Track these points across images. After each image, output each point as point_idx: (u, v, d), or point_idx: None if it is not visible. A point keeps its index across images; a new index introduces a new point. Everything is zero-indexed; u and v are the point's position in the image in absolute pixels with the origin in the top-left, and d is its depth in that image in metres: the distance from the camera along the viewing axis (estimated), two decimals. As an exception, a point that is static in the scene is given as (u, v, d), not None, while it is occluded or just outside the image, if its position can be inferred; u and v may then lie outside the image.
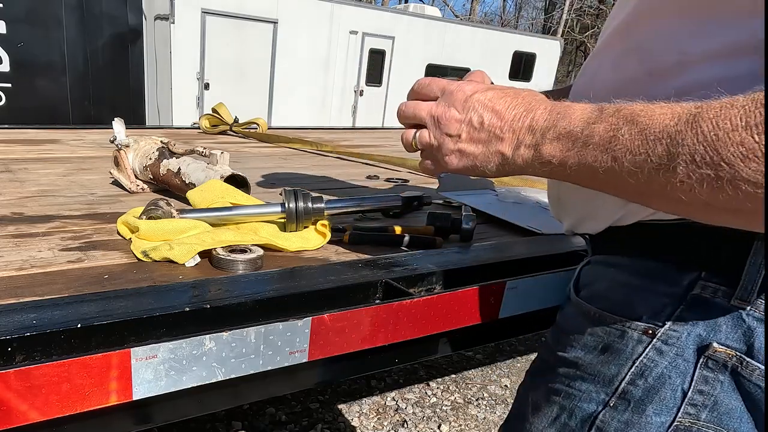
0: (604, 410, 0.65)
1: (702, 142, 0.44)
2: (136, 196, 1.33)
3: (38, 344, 0.62)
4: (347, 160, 2.16)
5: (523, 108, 0.60)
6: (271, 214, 1.01)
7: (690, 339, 0.60)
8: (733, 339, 0.58)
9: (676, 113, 0.47)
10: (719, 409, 0.60)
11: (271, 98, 8.73)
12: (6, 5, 5.10)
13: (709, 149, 0.44)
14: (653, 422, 0.62)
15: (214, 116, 2.75)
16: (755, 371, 0.58)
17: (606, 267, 0.71)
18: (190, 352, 0.66)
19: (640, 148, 0.48)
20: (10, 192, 1.28)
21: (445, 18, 12.15)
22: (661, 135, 0.47)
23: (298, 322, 0.72)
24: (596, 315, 0.68)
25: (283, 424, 2.44)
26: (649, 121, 0.48)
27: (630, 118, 0.50)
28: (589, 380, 0.67)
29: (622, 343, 0.64)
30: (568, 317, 0.74)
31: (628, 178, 0.50)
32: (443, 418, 2.62)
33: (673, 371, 0.61)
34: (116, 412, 0.69)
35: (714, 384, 0.60)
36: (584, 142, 0.53)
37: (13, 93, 5.36)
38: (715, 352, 0.59)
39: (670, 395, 0.61)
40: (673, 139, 0.46)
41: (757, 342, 0.57)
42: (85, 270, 0.83)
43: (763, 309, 0.56)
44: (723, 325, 0.59)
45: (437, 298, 0.84)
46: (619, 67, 0.67)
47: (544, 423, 0.72)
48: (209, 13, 7.77)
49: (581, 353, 0.69)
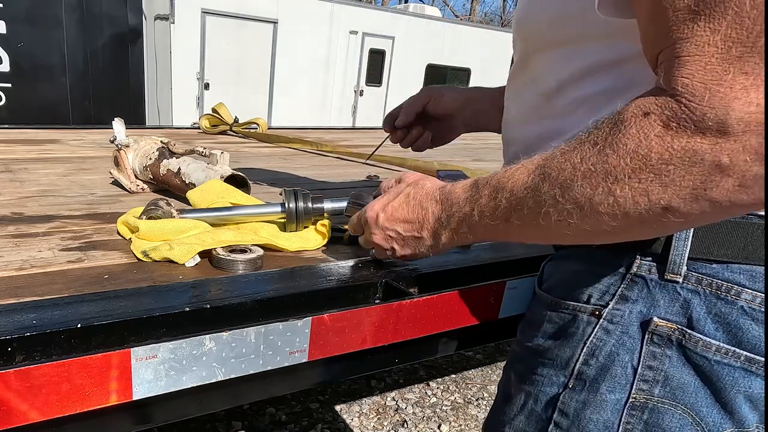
0: (564, 392, 0.69)
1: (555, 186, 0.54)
2: (136, 196, 1.33)
3: (38, 344, 0.62)
4: (347, 160, 2.16)
5: (419, 209, 0.72)
6: (271, 214, 1.01)
7: (632, 316, 0.64)
8: (672, 312, 0.62)
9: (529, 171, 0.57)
10: (671, 383, 0.62)
11: (271, 98, 8.74)
12: (6, 5, 5.10)
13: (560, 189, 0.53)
14: (608, 400, 0.65)
15: (214, 116, 2.75)
16: (699, 342, 0.61)
17: (562, 259, 0.76)
18: (190, 352, 0.66)
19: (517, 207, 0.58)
20: (10, 192, 1.28)
21: (445, 18, 12.16)
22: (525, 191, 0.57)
23: (298, 322, 0.73)
24: (553, 303, 0.73)
25: (283, 424, 2.44)
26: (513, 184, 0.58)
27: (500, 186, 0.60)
28: (549, 365, 0.71)
29: (574, 327, 0.69)
30: (532, 309, 0.79)
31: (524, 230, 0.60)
32: (443, 418, 2.62)
33: (620, 348, 0.65)
34: (116, 412, 0.69)
35: (662, 359, 0.63)
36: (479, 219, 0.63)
37: (13, 93, 5.35)
38: (657, 326, 0.62)
39: (621, 372, 0.65)
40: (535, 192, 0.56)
41: (695, 313, 0.61)
42: (85, 270, 0.83)
43: (695, 282, 0.61)
44: (660, 300, 0.63)
45: (437, 298, 0.84)
46: (521, 97, 0.81)
47: (515, 411, 0.75)
48: (209, 13, 7.78)
49: (542, 340, 0.73)
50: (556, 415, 0.69)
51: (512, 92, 0.86)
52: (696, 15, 0.45)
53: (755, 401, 0.61)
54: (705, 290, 0.61)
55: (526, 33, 0.79)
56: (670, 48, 0.47)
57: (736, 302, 0.59)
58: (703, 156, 0.45)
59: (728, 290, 0.60)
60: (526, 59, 0.78)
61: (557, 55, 0.70)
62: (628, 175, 0.49)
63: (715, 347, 0.60)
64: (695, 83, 0.45)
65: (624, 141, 0.49)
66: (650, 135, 0.47)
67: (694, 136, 0.45)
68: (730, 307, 0.60)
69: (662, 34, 0.48)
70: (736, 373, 0.60)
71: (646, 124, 0.47)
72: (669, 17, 0.47)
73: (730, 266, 0.60)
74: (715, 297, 0.60)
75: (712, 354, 0.60)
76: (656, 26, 0.49)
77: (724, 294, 0.60)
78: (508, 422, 0.76)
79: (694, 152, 0.45)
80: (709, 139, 0.45)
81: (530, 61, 0.77)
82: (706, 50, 0.45)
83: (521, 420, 0.74)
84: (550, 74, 0.72)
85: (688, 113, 0.45)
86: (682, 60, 0.46)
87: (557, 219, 0.54)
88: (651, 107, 0.48)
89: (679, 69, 0.46)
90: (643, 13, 0.52)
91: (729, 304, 0.60)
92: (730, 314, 0.59)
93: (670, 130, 0.46)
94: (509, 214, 0.59)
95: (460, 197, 0.67)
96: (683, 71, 0.46)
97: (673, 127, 0.46)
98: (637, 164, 0.48)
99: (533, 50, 0.76)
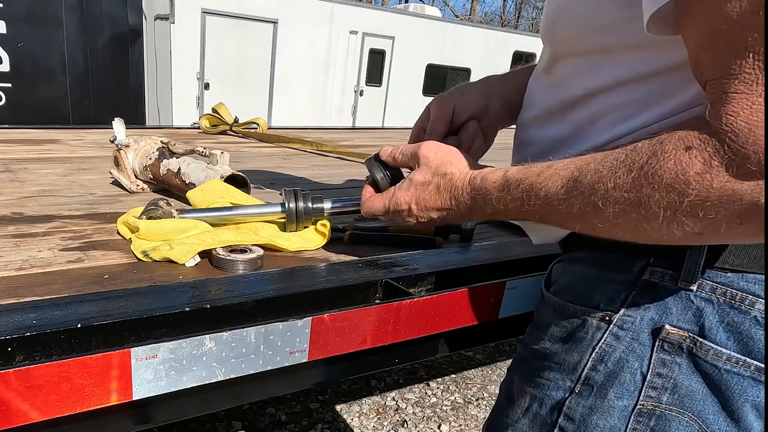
0: (571, 397, 0.68)
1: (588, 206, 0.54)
2: (136, 196, 1.33)
3: (38, 344, 0.62)
4: (347, 160, 2.16)
5: (452, 200, 0.71)
6: (271, 214, 1.01)
7: (644, 323, 0.63)
8: (684, 320, 0.61)
9: (563, 181, 0.57)
10: (680, 391, 0.62)
11: (271, 98, 8.73)
12: (6, 5, 5.10)
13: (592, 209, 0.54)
14: (615, 406, 0.65)
15: (214, 116, 2.75)
16: (710, 351, 0.60)
17: (571, 262, 0.75)
18: (190, 352, 0.66)
19: (548, 212, 0.59)
20: (10, 192, 1.28)
21: (445, 18, 12.15)
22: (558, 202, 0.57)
23: (298, 322, 0.73)
24: (561, 306, 0.72)
25: (283, 424, 2.44)
26: (546, 192, 0.58)
27: (532, 192, 0.60)
28: (555, 369, 0.70)
29: (583, 331, 0.68)
30: (540, 312, 0.78)
31: (552, 223, 0.61)
32: (443, 418, 2.62)
33: (630, 355, 0.64)
34: (116, 412, 0.69)
35: (672, 366, 0.62)
36: (508, 214, 0.64)
37: (13, 93, 5.35)
38: (668, 334, 0.62)
39: (630, 379, 0.64)
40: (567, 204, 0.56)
41: (707, 322, 0.60)
42: (85, 270, 0.83)
43: (709, 290, 0.60)
44: (673, 308, 0.62)
45: (437, 298, 0.84)
46: (543, 100, 0.79)
47: (518, 413, 0.75)
48: (209, 13, 7.77)
49: (549, 344, 0.72)
50: (562, 419, 0.68)
51: (534, 94, 0.83)
52: (748, 51, 0.43)
53: (761, 410, 0.60)
54: (719, 299, 0.60)
55: (554, 37, 0.76)
56: (718, 81, 0.46)
57: (750, 312, 0.58)
58: (742, 196, 0.44)
59: (743, 300, 0.59)
60: (553, 63, 0.76)
61: (586, 64, 0.68)
62: (663, 207, 0.48)
63: (726, 356, 0.59)
64: (740, 122, 0.44)
65: (660, 173, 0.47)
66: (689, 172, 0.46)
67: (735, 176, 0.44)
68: (743, 316, 0.59)
69: (712, 65, 0.47)
70: (745, 382, 0.59)
71: (686, 159, 0.46)
72: (722, 49, 0.45)
73: (745, 275, 0.59)
74: (728, 306, 0.59)
75: (723, 363, 0.59)
76: (707, 56, 0.48)
77: (738, 303, 0.59)
78: (512, 425, 0.75)
79: (734, 192, 0.44)
80: (751, 181, 0.44)
81: (556, 66, 0.75)
82: (754, 89, 0.43)
83: (525, 423, 0.73)
84: (577, 82, 0.70)
85: (731, 154, 0.44)
86: (729, 96, 0.44)
87: (587, 228, 0.56)
88: (693, 142, 0.46)
89: (725, 106, 0.45)
90: (694, 39, 0.50)
91: (742, 314, 0.59)
92: (742, 324, 0.59)
93: (711, 169, 0.45)
94: (540, 215, 0.61)
95: (492, 195, 0.65)
96: (729, 109, 0.44)
97: (714, 165, 0.45)
98: (673, 199, 0.47)
99: (561, 55, 0.74)
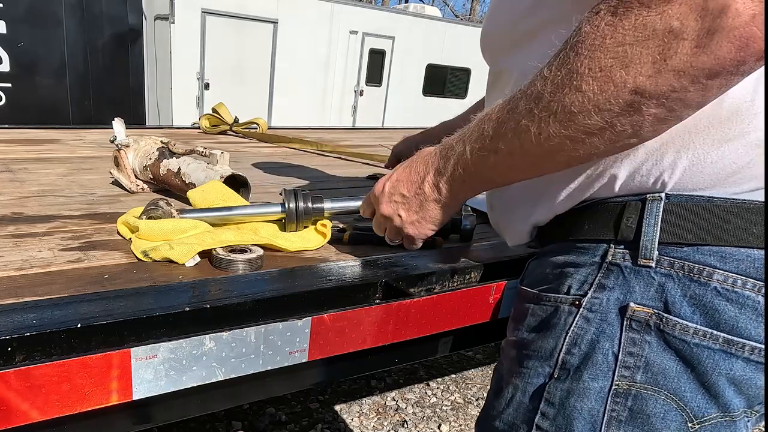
0: (550, 382, 0.69)
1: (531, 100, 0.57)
2: (136, 196, 1.33)
3: (38, 344, 0.62)
4: (347, 160, 2.16)
5: (421, 167, 0.75)
6: (271, 214, 1.01)
7: (610, 303, 0.65)
8: (648, 297, 0.63)
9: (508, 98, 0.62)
10: (652, 369, 0.63)
11: (271, 98, 8.73)
12: (6, 5, 5.10)
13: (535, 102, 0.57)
14: (591, 387, 0.66)
15: (214, 116, 2.75)
16: (677, 326, 0.61)
17: (544, 256, 0.77)
18: (190, 352, 0.66)
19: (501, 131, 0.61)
20: (10, 192, 1.28)
21: (445, 18, 12.16)
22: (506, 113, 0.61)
23: (298, 322, 0.73)
24: (535, 297, 0.74)
25: (283, 424, 2.45)
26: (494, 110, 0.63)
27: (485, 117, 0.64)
28: (534, 357, 0.72)
29: (556, 318, 0.70)
30: (516, 305, 0.81)
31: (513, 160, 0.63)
32: (443, 418, 2.62)
33: (601, 336, 0.65)
34: (116, 412, 0.69)
35: (642, 345, 0.63)
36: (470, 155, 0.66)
37: (13, 93, 5.35)
38: (634, 312, 0.63)
39: (602, 359, 0.65)
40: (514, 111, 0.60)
41: (670, 297, 0.61)
42: (85, 270, 0.83)
43: (668, 266, 0.62)
44: (636, 286, 0.63)
45: (437, 298, 0.84)
46: None
47: (503, 404, 0.76)
48: (209, 13, 7.78)
49: (526, 334, 0.74)
50: (543, 404, 0.70)
51: None
52: None
53: (739, 384, 0.60)
54: (678, 273, 0.61)
55: (488, 44, 0.82)
56: None
57: (709, 283, 0.60)
58: (654, 26, 0.47)
59: (700, 272, 0.60)
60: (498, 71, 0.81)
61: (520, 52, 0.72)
62: (588, 67, 0.51)
63: (693, 330, 0.60)
64: None
65: (581, 40, 0.51)
66: (601, 25, 0.50)
67: (640, 11, 0.47)
68: (703, 288, 0.60)
69: None
70: (716, 356, 0.60)
71: (597, 19, 0.50)
72: None
73: (700, 248, 0.60)
74: (688, 279, 0.60)
75: (690, 337, 0.60)
76: None
77: (696, 276, 0.60)
78: (498, 416, 0.76)
79: (644, 26, 0.47)
80: (655, 9, 0.47)
81: (502, 73, 0.80)
82: None
83: (509, 413, 0.74)
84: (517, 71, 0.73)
85: None
86: None
87: (537, 133, 0.57)
88: (599, 6, 0.51)
89: None
90: None
91: (702, 286, 0.60)
92: (704, 296, 0.60)
93: (617, 15, 0.49)
94: (495, 142, 0.62)
95: (453, 140, 0.70)
96: None
97: (620, 12, 0.49)
98: (595, 55, 0.50)
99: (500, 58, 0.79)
